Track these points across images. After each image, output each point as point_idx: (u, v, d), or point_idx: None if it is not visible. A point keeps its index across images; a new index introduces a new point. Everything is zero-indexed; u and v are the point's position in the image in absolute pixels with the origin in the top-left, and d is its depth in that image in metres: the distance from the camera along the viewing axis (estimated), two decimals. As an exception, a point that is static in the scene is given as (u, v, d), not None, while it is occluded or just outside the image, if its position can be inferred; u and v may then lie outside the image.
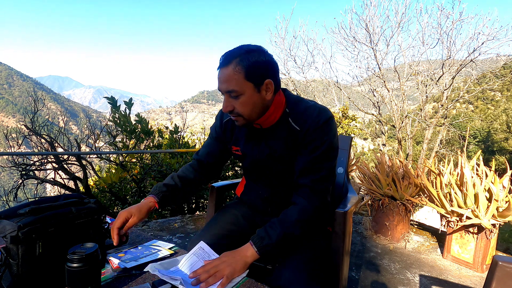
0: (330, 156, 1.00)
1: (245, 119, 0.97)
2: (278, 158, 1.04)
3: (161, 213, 3.56)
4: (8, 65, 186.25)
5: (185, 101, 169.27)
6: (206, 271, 0.83)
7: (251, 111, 0.96)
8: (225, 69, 0.92)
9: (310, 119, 0.98)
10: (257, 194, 1.18)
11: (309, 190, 0.98)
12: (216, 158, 1.20)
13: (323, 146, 0.97)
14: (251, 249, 0.91)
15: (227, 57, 0.93)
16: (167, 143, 4.09)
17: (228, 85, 0.92)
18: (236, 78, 0.91)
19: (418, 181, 2.38)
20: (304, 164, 0.99)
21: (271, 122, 1.03)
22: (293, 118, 1.00)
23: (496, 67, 7.81)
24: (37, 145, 3.68)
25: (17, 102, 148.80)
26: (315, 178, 0.98)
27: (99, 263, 0.70)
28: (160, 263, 0.86)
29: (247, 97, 0.93)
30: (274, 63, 0.97)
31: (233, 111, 0.96)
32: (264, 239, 0.92)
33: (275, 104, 1.00)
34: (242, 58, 0.91)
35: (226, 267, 0.84)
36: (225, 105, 0.96)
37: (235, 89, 0.92)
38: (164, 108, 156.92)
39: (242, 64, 0.90)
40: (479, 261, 2.02)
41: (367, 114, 8.70)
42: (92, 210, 0.86)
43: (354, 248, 2.34)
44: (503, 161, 18.14)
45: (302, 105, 1.02)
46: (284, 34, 8.28)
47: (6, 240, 0.70)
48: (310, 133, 0.97)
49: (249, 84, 0.92)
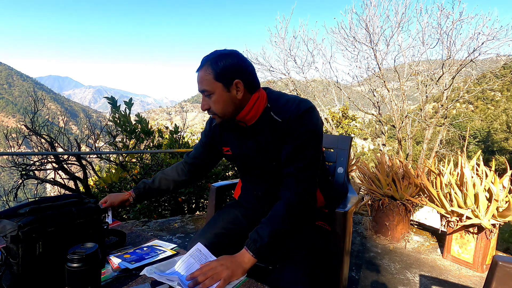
0: (312, 145, 1.03)
1: (219, 116, 1.05)
2: (266, 151, 1.08)
3: (161, 213, 3.57)
4: (8, 65, 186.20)
5: (185, 101, 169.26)
6: (203, 273, 0.83)
7: (223, 109, 1.03)
8: (200, 71, 1.02)
9: (290, 110, 1.02)
10: (253, 193, 1.21)
11: (294, 179, 1.01)
12: (203, 161, 1.30)
13: (305, 134, 1.01)
14: (247, 255, 0.91)
15: (202, 61, 1.03)
16: (167, 143, 4.09)
17: (201, 85, 1.02)
18: (207, 79, 1.00)
19: (418, 181, 2.38)
20: (288, 154, 1.02)
21: (254, 118, 1.07)
22: (274, 112, 1.05)
23: (496, 67, 7.81)
24: (37, 145, 3.68)
25: (17, 102, 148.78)
26: (299, 167, 1.01)
27: (99, 263, 0.70)
28: (156, 265, 0.86)
29: (217, 96, 1.01)
30: (246, 66, 1.03)
31: (209, 110, 1.05)
32: (257, 241, 0.92)
33: (252, 101, 1.05)
34: (212, 61, 1.00)
35: (224, 269, 0.84)
36: (202, 104, 1.06)
37: (206, 88, 1.01)
38: (164, 108, 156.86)
39: (212, 67, 0.99)
40: (479, 261, 2.02)
41: (367, 114, 8.70)
42: (92, 210, 0.86)
43: (354, 248, 2.34)
44: (503, 161, 18.14)
45: (282, 98, 1.07)
46: (284, 34, 8.28)
47: (7, 239, 0.70)
48: (291, 122, 1.01)
49: (219, 84, 1.00)
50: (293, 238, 1.05)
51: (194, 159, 1.29)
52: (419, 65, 7.33)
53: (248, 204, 1.24)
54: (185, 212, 3.65)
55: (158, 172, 1.32)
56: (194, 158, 1.29)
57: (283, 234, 0.96)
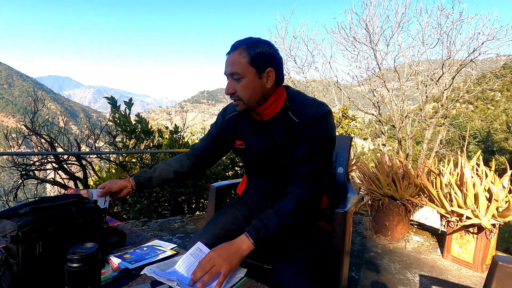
0: (326, 149, 1.04)
1: (244, 103, 1.03)
2: (280, 149, 1.07)
3: (161, 213, 3.56)
4: (8, 65, 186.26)
5: (185, 101, 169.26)
6: (201, 268, 0.82)
7: (251, 95, 1.01)
8: (232, 54, 1.00)
9: (308, 112, 1.02)
10: (259, 190, 1.19)
11: (305, 179, 1.01)
12: (209, 154, 1.27)
13: (320, 138, 1.01)
14: (246, 241, 0.91)
15: (236, 44, 1.01)
16: (167, 143, 4.09)
17: (232, 67, 1.00)
18: (241, 61, 0.99)
19: (418, 181, 2.38)
20: (301, 154, 1.02)
21: (271, 114, 1.07)
22: (292, 111, 1.05)
23: (496, 67, 7.81)
24: (37, 145, 3.68)
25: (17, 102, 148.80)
26: (311, 168, 1.01)
27: (99, 263, 0.70)
28: (157, 264, 0.86)
29: (248, 81, 1.00)
30: (279, 57, 1.04)
31: (234, 94, 1.02)
32: (261, 230, 0.92)
33: (276, 95, 1.05)
34: (249, 45, 0.99)
35: (223, 262, 0.84)
36: (227, 88, 1.03)
37: (238, 71, 0.99)
38: (164, 108, 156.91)
39: (248, 51, 0.99)
40: (479, 261, 2.02)
41: (367, 114, 8.69)
42: (92, 210, 0.86)
43: (354, 248, 2.34)
44: (503, 161, 18.13)
45: (302, 99, 1.07)
46: (284, 34, 8.29)
47: (6, 239, 0.70)
48: (309, 124, 1.01)
49: (252, 69, 0.99)
50: (293, 238, 1.05)
51: (201, 151, 1.27)
52: (419, 65, 7.34)
53: (252, 200, 1.23)
54: (185, 212, 3.65)
55: (160, 162, 1.29)
56: (200, 151, 1.27)
57: (287, 229, 0.96)
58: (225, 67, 1.03)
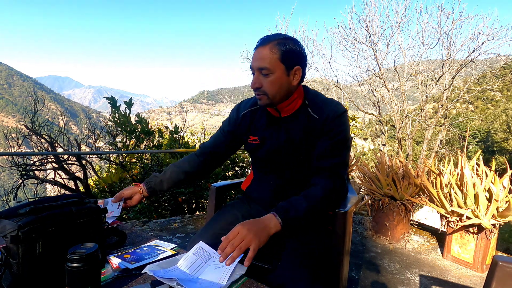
0: (346, 145, 1.08)
1: (269, 98, 1.04)
2: (296, 144, 1.09)
3: (161, 213, 3.56)
4: (8, 65, 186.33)
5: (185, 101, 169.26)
6: (231, 244, 0.82)
7: (277, 91, 1.03)
8: (262, 48, 1.01)
9: (328, 109, 1.06)
10: (267, 186, 1.20)
11: (330, 172, 1.04)
12: (221, 150, 1.26)
13: (341, 134, 1.05)
14: (274, 220, 0.91)
15: (266, 39, 1.02)
16: (167, 143, 4.09)
17: (261, 62, 1.00)
18: (271, 57, 0.99)
19: (418, 181, 2.38)
20: (324, 149, 1.05)
21: (291, 110, 1.10)
22: (312, 109, 1.08)
23: (496, 67, 7.81)
24: (37, 145, 3.68)
25: (17, 102, 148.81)
26: (335, 162, 1.05)
27: (99, 263, 0.70)
28: (158, 263, 0.85)
29: (276, 77, 1.01)
30: (305, 56, 1.07)
31: (259, 89, 1.03)
32: (290, 211, 0.93)
33: (297, 93, 1.09)
34: (280, 42, 1.00)
35: (253, 237, 0.83)
36: (253, 81, 1.03)
37: (268, 66, 1.00)
38: (164, 108, 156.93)
39: (279, 47, 0.99)
40: (479, 261, 2.02)
41: (367, 114, 8.69)
42: (92, 210, 0.86)
43: (354, 248, 2.34)
44: (503, 161, 18.13)
45: (320, 97, 1.12)
46: (284, 34, 8.27)
47: (6, 239, 0.70)
48: (329, 121, 1.04)
49: (281, 65, 1.00)
50: (293, 238, 1.05)
51: (212, 148, 1.25)
52: (419, 65, 7.34)
53: (259, 197, 1.23)
54: (185, 212, 3.65)
55: (169, 165, 1.29)
56: (211, 147, 1.25)
57: (315, 214, 0.98)
58: (253, 60, 1.03)
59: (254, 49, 1.04)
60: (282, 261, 1.00)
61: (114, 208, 1.17)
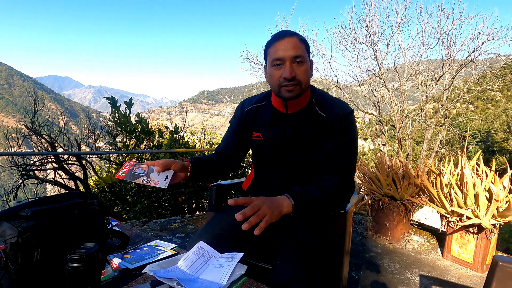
0: (355, 146, 1.09)
1: (301, 88, 1.03)
2: (301, 141, 1.10)
3: (161, 213, 3.56)
4: (8, 65, 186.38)
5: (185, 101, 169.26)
6: (251, 207, 0.84)
7: (307, 81, 1.05)
8: (291, 38, 1.01)
9: (337, 108, 1.07)
10: (268, 186, 1.20)
11: (341, 173, 1.05)
12: (231, 150, 1.26)
13: (350, 134, 1.06)
14: (287, 201, 0.93)
15: (289, 31, 1.03)
16: (167, 143, 4.09)
17: (297, 50, 1.00)
18: (301, 46, 1.01)
19: (418, 181, 2.38)
20: (334, 148, 1.06)
21: (298, 107, 1.10)
22: (320, 107, 1.09)
23: (496, 67, 7.80)
24: (37, 145, 3.68)
25: (17, 102, 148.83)
26: (346, 163, 1.06)
27: (99, 264, 0.70)
28: (158, 263, 0.85)
29: (307, 66, 1.03)
30: None
31: (295, 78, 1.01)
32: (303, 195, 0.95)
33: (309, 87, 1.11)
34: (300, 36, 1.03)
35: (267, 209, 0.85)
36: (289, 71, 1.00)
37: (302, 54, 1.00)
38: (164, 108, 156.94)
39: (302, 40, 1.03)
40: (479, 261, 2.01)
41: (367, 114, 8.69)
42: (95, 212, 0.85)
43: (354, 248, 2.34)
44: (503, 161, 18.12)
45: (327, 96, 1.12)
46: (284, 34, 8.26)
47: (6, 245, 0.69)
48: (338, 121, 1.05)
49: (307, 56, 1.03)
50: (293, 237, 1.05)
51: (224, 149, 1.24)
52: (419, 65, 7.33)
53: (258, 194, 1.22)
54: (185, 212, 3.65)
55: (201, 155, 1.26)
56: (224, 149, 1.24)
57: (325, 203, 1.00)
58: (284, 50, 1.00)
59: (274, 42, 1.02)
60: (282, 261, 1.00)
61: (161, 178, 0.99)
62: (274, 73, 1.03)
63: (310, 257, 0.99)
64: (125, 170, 1.01)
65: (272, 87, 1.08)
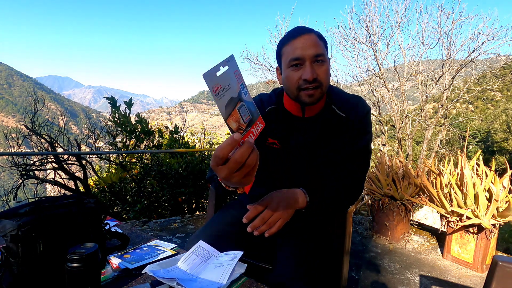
0: (370, 149, 1.05)
1: (322, 91, 0.93)
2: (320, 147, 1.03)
3: (161, 213, 3.56)
4: (8, 65, 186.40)
5: (185, 101, 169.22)
6: (260, 217, 0.82)
7: (328, 82, 0.95)
8: (309, 34, 0.90)
9: (356, 107, 1.01)
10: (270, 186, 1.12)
11: (354, 174, 1.01)
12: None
13: (368, 135, 1.02)
14: (303, 196, 0.91)
15: (307, 28, 0.93)
16: (167, 143, 4.09)
17: (317, 49, 0.89)
18: (321, 44, 0.91)
19: (418, 181, 2.38)
20: (352, 149, 1.01)
21: (316, 110, 1.01)
22: (337, 106, 1.01)
23: (496, 67, 7.80)
24: (37, 145, 3.68)
25: (17, 102, 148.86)
26: (362, 163, 1.02)
27: (99, 264, 0.70)
28: (158, 263, 0.85)
29: (327, 66, 0.93)
30: None
31: (316, 79, 0.91)
32: (318, 195, 0.93)
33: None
34: (318, 33, 0.93)
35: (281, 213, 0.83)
36: (311, 71, 0.89)
37: (323, 53, 0.90)
38: (164, 108, 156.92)
39: (321, 36, 0.93)
40: (479, 261, 2.02)
41: (367, 114, 8.68)
42: (92, 210, 0.86)
43: (354, 248, 2.34)
44: (503, 161, 18.11)
45: (343, 94, 1.05)
46: (284, 34, 8.27)
47: (6, 238, 0.70)
48: (358, 120, 0.99)
49: (327, 55, 0.94)
50: (293, 237, 1.05)
51: None
52: (419, 65, 7.33)
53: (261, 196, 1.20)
54: (185, 212, 3.65)
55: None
56: None
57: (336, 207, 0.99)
58: (303, 48, 0.89)
59: (291, 39, 0.92)
60: (282, 261, 1.00)
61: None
62: (292, 75, 0.92)
63: (310, 257, 0.99)
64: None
65: (289, 90, 0.97)
